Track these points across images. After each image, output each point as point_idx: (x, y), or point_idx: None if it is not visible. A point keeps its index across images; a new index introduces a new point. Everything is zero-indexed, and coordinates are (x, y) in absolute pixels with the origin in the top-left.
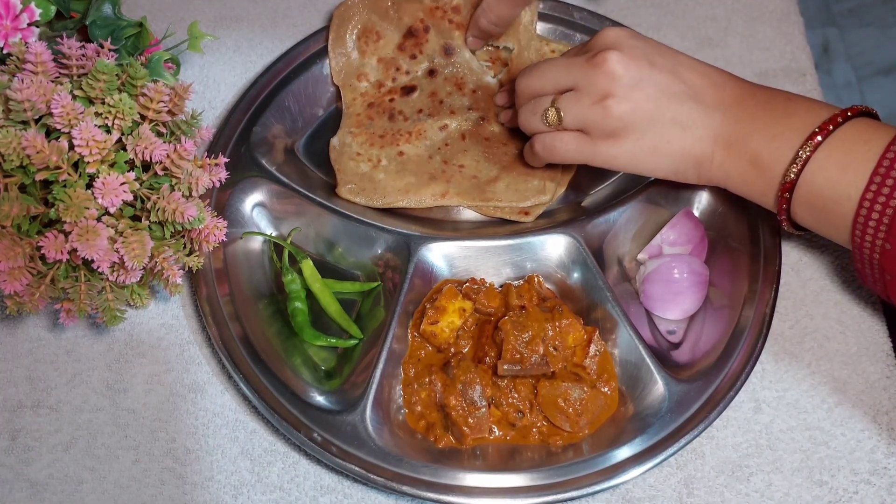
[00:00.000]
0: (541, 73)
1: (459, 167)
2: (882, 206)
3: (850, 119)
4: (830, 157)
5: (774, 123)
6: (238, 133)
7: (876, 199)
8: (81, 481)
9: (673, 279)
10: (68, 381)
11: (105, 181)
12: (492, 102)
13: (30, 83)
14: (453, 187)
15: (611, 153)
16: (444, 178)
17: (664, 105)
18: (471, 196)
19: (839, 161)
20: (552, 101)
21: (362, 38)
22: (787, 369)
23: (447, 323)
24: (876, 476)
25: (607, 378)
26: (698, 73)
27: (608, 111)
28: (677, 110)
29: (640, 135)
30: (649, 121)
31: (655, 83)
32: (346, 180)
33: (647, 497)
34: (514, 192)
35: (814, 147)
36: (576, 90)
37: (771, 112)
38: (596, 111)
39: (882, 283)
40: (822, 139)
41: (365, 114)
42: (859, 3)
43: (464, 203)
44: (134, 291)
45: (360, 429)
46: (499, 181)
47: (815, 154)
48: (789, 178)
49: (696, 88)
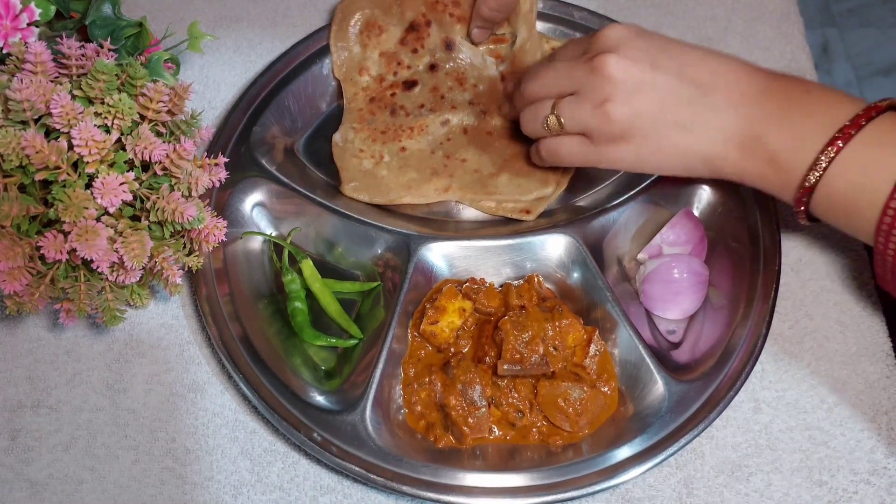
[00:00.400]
0: (541, 77)
1: (461, 161)
2: None
3: (874, 118)
4: (852, 162)
5: (793, 121)
6: (238, 133)
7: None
8: (81, 481)
9: (673, 279)
10: (68, 381)
11: (104, 181)
12: (493, 97)
13: (29, 83)
14: (456, 182)
15: (615, 156)
16: (447, 172)
17: (667, 108)
18: (473, 190)
19: (862, 166)
20: (552, 106)
21: (364, 32)
22: (786, 369)
23: (447, 323)
24: (875, 476)
25: (607, 378)
26: (708, 71)
27: (608, 116)
28: (681, 113)
29: (642, 138)
30: (651, 125)
31: (657, 86)
32: (350, 178)
33: (646, 497)
34: (516, 186)
35: (836, 152)
36: (576, 94)
37: (788, 108)
38: (596, 116)
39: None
40: (844, 144)
41: (367, 108)
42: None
43: (466, 197)
44: (134, 291)
45: (360, 429)
46: (501, 175)
47: (836, 159)
48: (809, 182)
49: (704, 88)
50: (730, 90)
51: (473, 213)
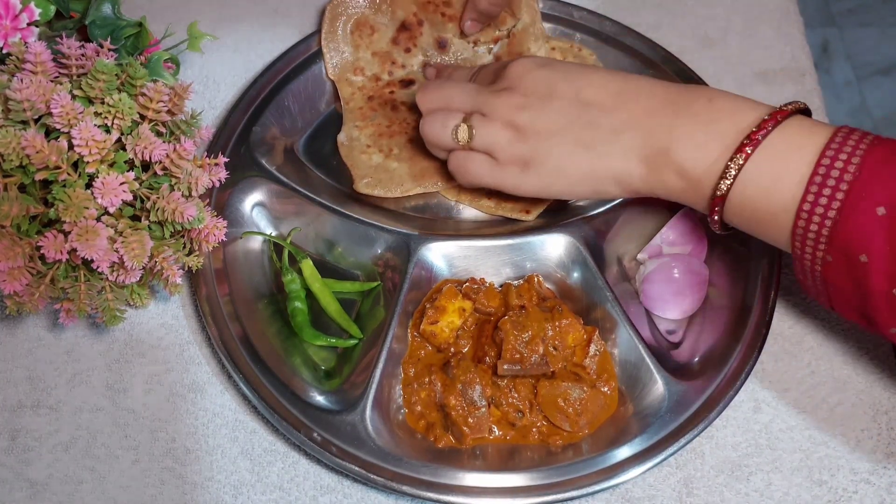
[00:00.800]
0: (448, 93)
1: None
2: (821, 217)
3: (781, 122)
4: (762, 168)
5: (697, 131)
6: (238, 133)
7: (813, 210)
8: (81, 481)
9: (672, 279)
10: (68, 381)
11: (104, 181)
12: None
13: (29, 83)
14: None
15: (519, 179)
16: None
17: (566, 129)
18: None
19: (772, 171)
20: (463, 118)
21: (356, 32)
22: (786, 369)
23: (447, 323)
24: (875, 476)
25: (607, 378)
26: (609, 93)
27: (514, 138)
28: (582, 135)
29: (544, 160)
30: (551, 145)
31: (557, 110)
32: (362, 175)
33: (646, 497)
34: None
35: (744, 159)
36: (485, 115)
37: (692, 118)
38: (503, 135)
39: (825, 294)
40: (752, 149)
41: (367, 106)
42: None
43: (466, 197)
44: (134, 291)
45: (360, 429)
46: None
47: (745, 165)
48: (721, 191)
49: (605, 109)
50: (630, 108)
51: (473, 213)
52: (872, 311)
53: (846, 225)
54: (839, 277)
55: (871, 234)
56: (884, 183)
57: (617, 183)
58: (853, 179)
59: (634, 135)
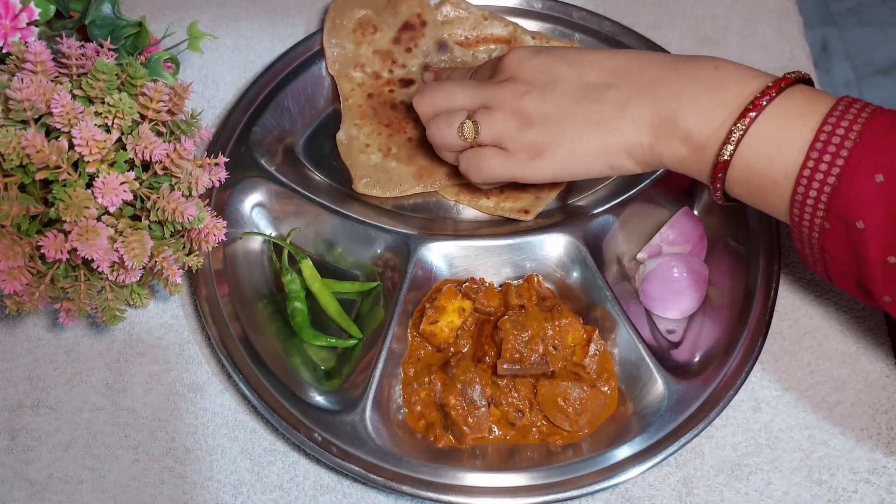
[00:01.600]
0: (449, 92)
1: None
2: (820, 183)
3: (784, 90)
4: (765, 134)
5: (703, 97)
6: (238, 133)
7: (813, 176)
8: (81, 481)
9: (672, 278)
10: (68, 380)
11: (105, 181)
12: None
13: (29, 83)
14: None
15: (533, 166)
16: None
17: (574, 109)
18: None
19: (774, 137)
20: (468, 115)
21: (358, 31)
22: (786, 368)
23: (447, 322)
24: (875, 475)
25: (607, 377)
26: (610, 69)
27: (522, 125)
28: (588, 111)
29: (556, 143)
30: (562, 127)
31: (561, 93)
32: (361, 174)
33: (646, 496)
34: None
35: (748, 124)
36: (489, 108)
37: (698, 85)
38: (510, 124)
39: (822, 263)
40: (756, 115)
41: (366, 104)
42: (858, 3)
43: (465, 197)
44: (133, 291)
45: (360, 428)
46: None
47: (748, 131)
48: (724, 157)
49: (609, 86)
50: (634, 81)
51: (473, 213)
52: (867, 279)
53: (845, 191)
54: (836, 245)
55: (868, 200)
56: (883, 151)
57: (629, 155)
58: (853, 146)
59: (642, 104)
